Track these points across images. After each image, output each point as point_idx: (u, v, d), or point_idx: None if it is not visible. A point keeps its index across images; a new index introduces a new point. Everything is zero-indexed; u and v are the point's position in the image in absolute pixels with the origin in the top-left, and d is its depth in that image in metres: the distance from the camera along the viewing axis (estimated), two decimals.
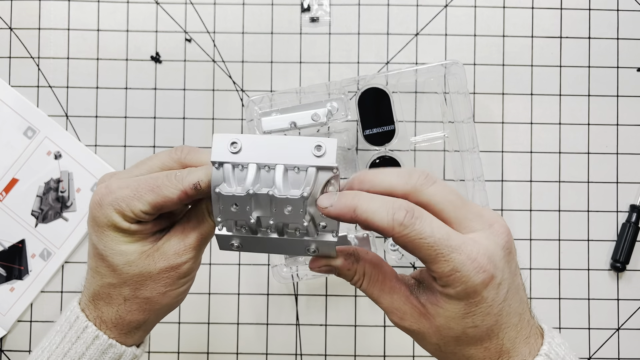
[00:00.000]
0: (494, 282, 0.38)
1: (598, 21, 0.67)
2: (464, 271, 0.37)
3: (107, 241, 0.43)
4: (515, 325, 0.41)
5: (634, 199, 0.67)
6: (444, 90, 0.65)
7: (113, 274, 0.44)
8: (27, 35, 0.67)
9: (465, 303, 0.39)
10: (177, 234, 0.44)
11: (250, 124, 0.61)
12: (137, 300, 0.44)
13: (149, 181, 0.42)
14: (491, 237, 0.39)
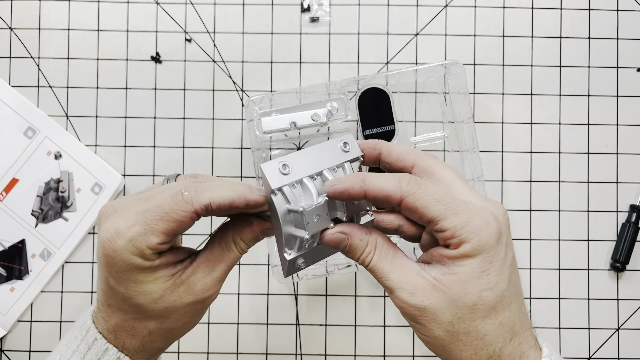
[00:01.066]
0: (502, 239, 0.40)
1: (598, 21, 0.67)
2: (475, 222, 0.39)
3: (129, 284, 0.41)
4: (521, 305, 0.41)
5: (634, 199, 0.67)
6: (444, 90, 0.65)
7: (138, 311, 0.42)
8: (27, 35, 0.67)
9: (481, 259, 0.39)
10: (202, 267, 0.44)
11: (250, 124, 0.61)
12: (162, 332, 0.44)
13: (156, 210, 0.40)
14: (491, 203, 0.41)
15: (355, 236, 0.43)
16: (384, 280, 0.42)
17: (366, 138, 0.62)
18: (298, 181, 0.41)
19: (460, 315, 0.39)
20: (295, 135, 0.65)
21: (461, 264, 0.39)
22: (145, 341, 0.44)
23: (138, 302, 0.42)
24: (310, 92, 0.62)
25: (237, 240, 0.44)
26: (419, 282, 0.40)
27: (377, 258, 0.42)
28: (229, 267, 0.44)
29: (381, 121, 0.62)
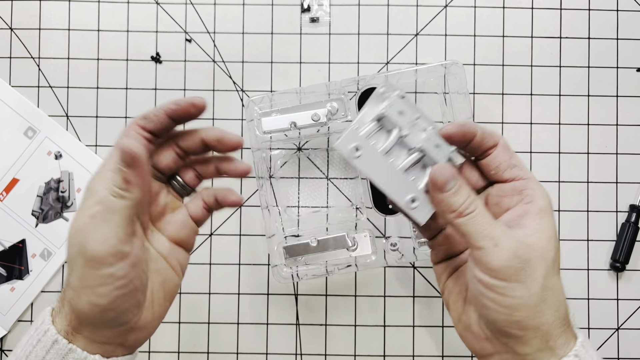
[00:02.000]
0: (552, 211, 0.44)
1: (598, 21, 0.68)
2: (542, 187, 0.44)
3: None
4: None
5: (634, 199, 0.67)
6: (444, 91, 0.65)
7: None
8: (27, 35, 0.67)
9: (551, 220, 0.42)
10: None
11: (250, 124, 0.62)
12: (72, 294, 0.41)
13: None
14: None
15: (465, 181, 0.44)
16: (488, 230, 0.41)
17: None
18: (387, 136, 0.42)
19: (548, 271, 0.41)
20: (295, 136, 0.65)
21: (542, 222, 0.42)
22: (68, 293, 0.41)
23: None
24: (310, 92, 0.62)
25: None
26: (519, 237, 0.41)
27: (482, 207, 0.42)
28: (105, 210, 0.40)
29: None
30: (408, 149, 0.42)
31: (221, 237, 0.67)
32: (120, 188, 0.41)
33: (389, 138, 0.42)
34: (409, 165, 0.42)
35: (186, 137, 0.46)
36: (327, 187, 0.67)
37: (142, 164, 0.42)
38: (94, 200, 0.40)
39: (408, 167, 0.42)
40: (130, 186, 0.41)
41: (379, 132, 0.42)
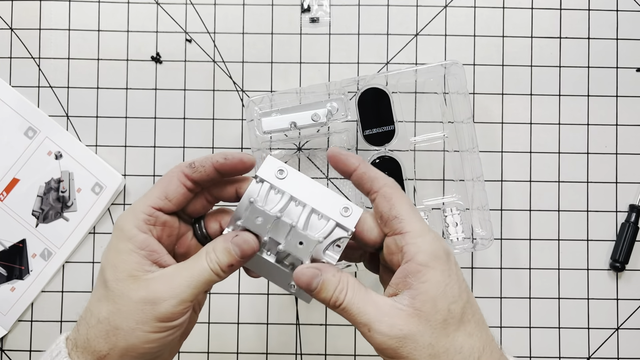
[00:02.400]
0: (450, 257, 0.42)
1: (597, 21, 0.68)
2: (429, 236, 0.42)
3: (111, 252, 0.43)
4: (482, 317, 0.43)
5: (633, 199, 0.67)
6: (444, 91, 0.65)
7: (103, 285, 0.43)
8: (27, 35, 0.67)
9: (440, 272, 0.41)
10: (169, 271, 0.43)
11: (251, 124, 0.62)
12: (108, 327, 0.42)
13: (156, 185, 0.45)
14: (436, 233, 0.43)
15: (328, 272, 0.43)
16: (360, 317, 0.42)
17: (366, 138, 0.62)
18: (282, 191, 0.44)
19: (437, 334, 0.40)
20: (295, 136, 0.65)
21: (425, 280, 0.41)
22: (90, 333, 0.42)
23: (106, 275, 0.42)
24: (310, 92, 0.62)
25: (209, 249, 0.43)
26: (394, 312, 0.41)
27: (351, 294, 0.42)
28: (195, 281, 0.42)
29: (381, 121, 0.62)
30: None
31: None
32: (223, 270, 0.43)
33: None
34: (280, 260, 0.44)
35: (222, 188, 0.47)
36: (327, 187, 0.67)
37: (250, 257, 0.44)
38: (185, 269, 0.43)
39: (280, 262, 0.44)
40: (230, 270, 0.43)
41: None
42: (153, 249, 0.43)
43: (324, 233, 0.44)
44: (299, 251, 0.43)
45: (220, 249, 0.43)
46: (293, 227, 0.43)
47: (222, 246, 0.43)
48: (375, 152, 0.64)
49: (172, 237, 0.46)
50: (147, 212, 0.43)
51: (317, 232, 0.44)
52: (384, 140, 0.63)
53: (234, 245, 0.43)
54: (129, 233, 0.43)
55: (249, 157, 0.46)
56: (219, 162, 0.45)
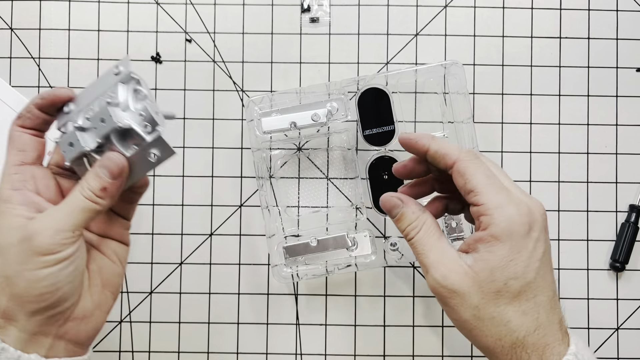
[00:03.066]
0: (533, 233, 0.43)
1: (597, 21, 0.68)
2: (509, 208, 0.43)
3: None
4: (550, 300, 0.43)
5: (633, 199, 0.67)
6: (444, 91, 0.65)
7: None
8: (27, 35, 0.67)
9: (509, 247, 0.42)
10: (48, 209, 0.44)
11: (250, 124, 0.62)
12: (0, 280, 0.42)
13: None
14: (528, 203, 0.45)
15: (410, 207, 0.47)
16: (423, 258, 0.45)
17: (366, 138, 0.62)
18: (76, 114, 0.45)
19: (487, 301, 0.42)
20: (295, 136, 0.66)
21: (491, 250, 0.42)
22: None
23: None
24: (310, 92, 0.62)
25: (81, 181, 0.45)
26: (453, 266, 0.43)
27: (423, 234, 0.45)
28: (69, 209, 0.43)
29: (381, 121, 0.62)
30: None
31: (221, 237, 0.67)
32: (97, 195, 0.43)
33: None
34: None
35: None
36: (327, 187, 0.67)
37: (123, 179, 0.45)
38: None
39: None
40: (106, 194, 0.44)
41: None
42: (32, 200, 0.44)
43: (119, 96, 0.44)
44: (108, 125, 0.43)
45: (90, 176, 0.44)
46: (89, 119, 0.44)
47: (90, 173, 0.44)
48: (375, 152, 0.64)
49: (52, 191, 0.46)
50: (12, 172, 0.44)
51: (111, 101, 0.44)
52: (384, 141, 0.63)
53: (100, 167, 0.43)
54: (3, 196, 0.43)
55: (61, 90, 0.47)
56: (38, 103, 0.46)
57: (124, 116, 0.43)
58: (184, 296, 0.66)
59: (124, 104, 0.44)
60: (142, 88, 0.45)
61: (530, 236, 0.43)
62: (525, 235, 0.43)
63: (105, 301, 0.47)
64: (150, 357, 0.66)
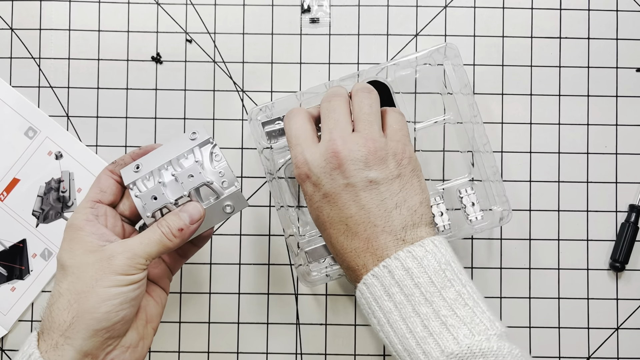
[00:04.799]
0: (309, 180, 0.50)
1: (597, 22, 0.68)
2: (293, 163, 0.52)
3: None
4: (343, 232, 0.50)
5: (633, 199, 0.67)
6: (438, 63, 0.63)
7: (61, 270, 0.47)
8: (28, 35, 0.67)
9: (302, 191, 0.52)
10: (125, 239, 0.49)
11: (256, 135, 0.60)
12: (69, 296, 0.45)
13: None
14: (322, 147, 0.50)
15: None
16: None
17: None
18: (149, 174, 0.51)
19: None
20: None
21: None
22: (53, 310, 0.45)
23: (62, 260, 0.47)
24: (311, 93, 0.61)
25: (159, 221, 0.50)
26: None
27: None
28: (147, 239, 0.48)
29: None
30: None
31: (221, 237, 0.67)
32: (174, 234, 0.49)
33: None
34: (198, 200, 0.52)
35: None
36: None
37: (198, 226, 0.51)
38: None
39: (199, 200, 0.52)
40: (181, 234, 0.49)
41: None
42: (102, 232, 0.48)
43: (195, 157, 0.51)
44: (197, 180, 0.50)
45: (171, 217, 0.49)
46: (175, 175, 0.50)
47: (172, 215, 0.49)
48: None
49: (118, 230, 0.51)
50: (89, 205, 0.50)
51: (191, 161, 0.51)
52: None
53: (183, 212, 0.49)
54: (78, 225, 0.48)
55: (158, 145, 0.54)
56: (135, 153, 0.54)
57: (209, 174, 0.50)
58: (184, 296, 0.67)
59: (206, 164, 0.51)
60: (218, 151, 0.52)
61: (308, 182, 0.51)
62: (302, 182, 0.51)
63: (148, 335, 0.51)
64: (150, 356, 0.66)
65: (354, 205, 0.49)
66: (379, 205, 0.49)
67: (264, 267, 0.67)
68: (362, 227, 0.49)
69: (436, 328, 0.45)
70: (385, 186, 0.49)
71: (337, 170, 0.49)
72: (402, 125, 0.53)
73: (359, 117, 0.51)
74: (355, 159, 0.49)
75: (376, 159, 0.49)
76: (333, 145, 0.49)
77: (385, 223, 0.48)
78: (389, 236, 0.48)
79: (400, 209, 0.49)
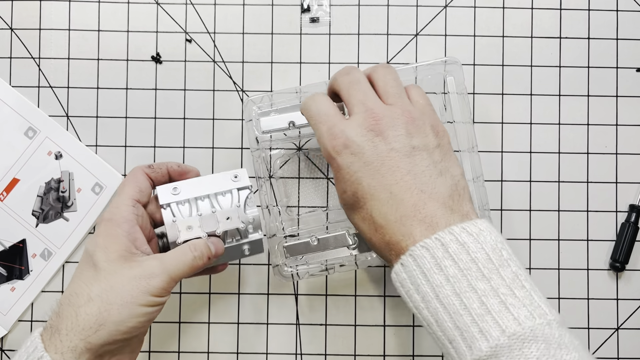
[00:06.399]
0: (347, 150, 0.48)
1: (597, 22, 0.68)
2: (322, 139, 0.49)
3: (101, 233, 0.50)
4: (387, 201, 0.47)
5: (633, 199, 0.67)
6: (443, 91, 0.65)
7: (92, 267, 0.47)
8: (27, 35, 0.67)
9: (333, 169, 0.49)
10: (157, 254, 0.50)
11: (249, 124, 0.62)
12: (100, 304, 0.45)
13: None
14: (359, 118, 0.48)
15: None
16: None
17: None
18: (186, 200, 0.54)
19: (344, 207, 0.51)
20: (295, 135, 0.65)
21: (332, 170, 0.50)
22: (80, 313, 0.46)
23: (96, 257, 0.48)
24: (309, 92, 0.62)
25: (189, 244, 0.51)
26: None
27: None
28: (181, 262, 0.49)
29: None
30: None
31: None
32: (203, 259, 0.51)
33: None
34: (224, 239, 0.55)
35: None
36: (327, 187, 0.67)
37: (214, 259, 0.53)
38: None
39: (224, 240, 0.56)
40: (207, 262, 0.52)
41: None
42: (136, 237, 0.49)
43: (234, 201, 0.54)
44: (231, 223, 0.54)
45: (202, 244, 0.51)
46: (214, 212, 0.53)
47: (202, 242, 0.51)
48: None
49: (147, 233, 0.52)
50: (131, 204, 0.50)
51: (230, 204, 0.54)
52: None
53: (211, 243, 0.52)
54: (118, 221, 0.49)
55: (195, 169, 0.58)
56: (172, 168, 0.56)
57: (243, 219, 0.54)
58: (184, 296, 0.67)
59: (241, 207, 0.54)
60: (253, 198, 0.55)
61: (345, 153, 0.48)
62: (337, 155, 0.48)
63: (144, 338, 0.53)
64: (150, 356, 0.66)
65: (399, 170, 0.47)
66: (424, 171, 0.47)
67: (264, 267, 0.67)
68: (409, 193, 0.46)
69: (495, 306, 0.41)
70: (427, 153, 0.48)
71: (379, 137, 0.47)
72: (428, 100, 0.53)
73: (387, 90, 0.50)
74: (397, 126, 0.48)
75: (416, 128, 0.48)
76: (372, 113, 0.48)
77: (432, 190, 0.46)
78: (436, 203, 0.46)
79: (445, 177, 0.47)
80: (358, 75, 0.52)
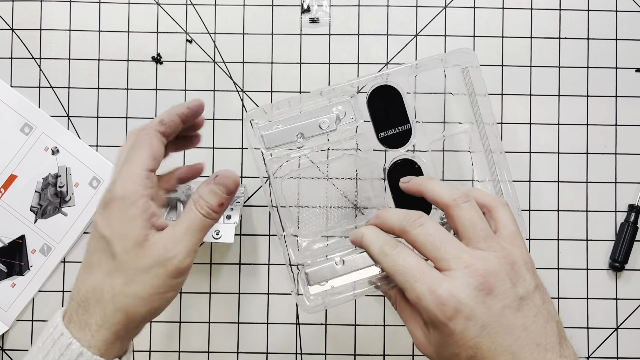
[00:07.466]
0: (460, 315, 0.42)
1: (597, 22, 0.68)
2: (424, 301, 0.43)
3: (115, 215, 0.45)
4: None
5: (633, 199, 0.67)
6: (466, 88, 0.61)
7: (111, 258, 0.44)
8: (28, 35, 0.68)
9: (439, 333, 0.43)
10: (168, 228, 0.45)
11: (253, 142, 0.56)
12: (126, 299, 0.43)
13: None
14: (463, 276, 0.43)
15: (384, 290, 0.52)
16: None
17: (381, 140, 0.57)
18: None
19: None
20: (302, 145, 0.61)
21: (430, 330, 0.45)
22: (108, 310, 0.43)
23: (114, 247, 0.43)
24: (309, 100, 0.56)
25: (195, 198, 0.46)
26: (421, 336, 0.46)
27: (399, 308, 0.49)
28: (192, 229, 0.45)
29: (395, 121, 0.57)
30: None
31: None
32: (215, 211, 0.46)
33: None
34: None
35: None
36: (326, 187, 0.67)
37: (235, 191, 0.47)
38: (181, 221, 0.45)
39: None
40: (221, 209, 0.46)
41: None
42: (153, 212, 0.45)
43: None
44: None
45: (207, 193, 0.46)
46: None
47: (207, 190, 0.46)
48: (393, 155, 0.58)
49: (159, 201, 0.49)
50: (145, 176, 0.45)
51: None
52: (402, 141, 0.57)
53: (217, 185, 0.46)
54: (132, 198, 0.44)
55: (201, 101, 0.51)
56: (184, 113, 0.49)
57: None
58: (184, 296, 0.67)
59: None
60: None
61: (458, 318, 0.43)
62: (448, 321, 0.43)
63: None
64: (150, 356, 0.66)
65: (515, 328, 0.43)
66: (534, 322, 0.44)
67: (264, 267, 0.67)
68: (528, 350, 0.43)
69: None
70: (531, 300, 0.45)
71: (490, 296, 0.43)
72: (516, 224, 0.49)
73: (476, 233, 0.46)
74: (502, 279, 0.44)
75: (516, 274, 0.45)
76: (475, 269, 0.43)
77: (546, 340, 0.44)
78: (553, 355, 0.43)
79: (550, 323, 0.45)
80: (430, 224, 0.47)
